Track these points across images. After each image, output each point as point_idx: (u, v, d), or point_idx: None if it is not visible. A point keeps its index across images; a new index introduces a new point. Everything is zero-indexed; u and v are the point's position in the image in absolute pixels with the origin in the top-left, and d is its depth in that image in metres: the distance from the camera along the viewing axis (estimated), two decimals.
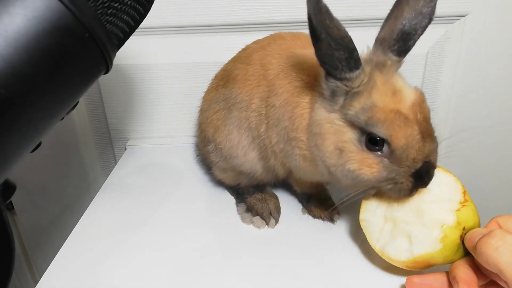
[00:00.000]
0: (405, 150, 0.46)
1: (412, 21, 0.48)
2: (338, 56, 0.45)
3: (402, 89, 0.48)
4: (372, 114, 0.46)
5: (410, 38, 0.49)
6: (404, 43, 0.49)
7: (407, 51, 0.50)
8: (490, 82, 0.90)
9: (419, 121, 0.46)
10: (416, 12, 0.48)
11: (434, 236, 0.47)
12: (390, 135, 0.46)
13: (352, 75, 0.47)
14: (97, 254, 0.60)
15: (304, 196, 0.68)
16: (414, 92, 0.48)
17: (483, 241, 0.42)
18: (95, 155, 1.02)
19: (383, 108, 0.46)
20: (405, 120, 0.46)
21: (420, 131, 0.46)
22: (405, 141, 0.46)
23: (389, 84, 0.48)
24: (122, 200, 0.73)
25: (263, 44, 0.64)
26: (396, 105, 0.46)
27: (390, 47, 0.49)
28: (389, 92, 0.47)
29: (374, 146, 0.48)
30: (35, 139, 0.37)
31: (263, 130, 0.60)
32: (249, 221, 0.66)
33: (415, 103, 0.47)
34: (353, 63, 0.46)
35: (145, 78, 0.90)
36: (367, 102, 0.47)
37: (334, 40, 0.44)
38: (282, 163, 0.60)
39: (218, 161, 0.69)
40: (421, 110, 0.47)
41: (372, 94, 0.47)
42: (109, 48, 0.37)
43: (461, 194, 0.49)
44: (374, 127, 0.46)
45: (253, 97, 0.61)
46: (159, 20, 0.83)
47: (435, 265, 0.50)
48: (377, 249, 0.52)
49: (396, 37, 0.49)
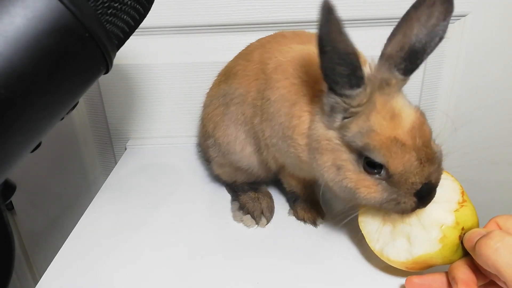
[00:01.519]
0: (403, 175, 0.45)
1: (423, 39, 0.45)
2: (340, 72, 0.43)
3: (402, 111, 0.46)
4: (369, 140, 0.45)
5: (419, 57, 0.46)
6: (411, 62, 0.46)
7: (414, 69, 0.47)
8: (490, 82, 0.90)
9: (418, 146, 0.45)
10: (428, 30, 0.45)
11: (433, 236, 0.47)
12: (387, 162, 0.45)
13: (353, 92, 0.45)
14: (97, 254, 0.60)
15: (292, 195, 0.68)
16: (413, 114, 0.46)
17: (482, 242, 0.42)
18: (95, 155, 1.02)
19: (380, 134, 0.45)
20: (403, 146, 0.45)
21: (418, 156, 0.45)
22: (403, 168, 0.45)
23: (388, 106, 0.46)
24: (122, 200, 0.73)
25: (264, 42, 0.64)
26: (393, 131, 0.45)
27: (396, 66, 0.46)
28: (388, 116, 0.45)
29: (372, 169, 0.47)
30: (35, 139, 0.37)
31: (257, 121, 0.60)
32: (240, 219, 0.66)
33: (414, 127, 0.45)
34: (355, 81, 0.44)
35: (145, 78, 0.90)
36: (364, 126, 0.46)
37: (338, 54, 0.42)
38: (274, 157, 0.60)
39: (216, 156, 0.69)
40: (421, 133, 0.46)
41: (370, 117, 0.46)
42: (109, 48, 0.37)
43: (460, 194, 0.50)
44: (371, 153, 0.46)
45: (250, 90, 0.61)
46: (159, 20, 0.83)
47: (435, 265, 0.50)
48: (377, 250, 0.52)
49: (404, 56, 0.46)
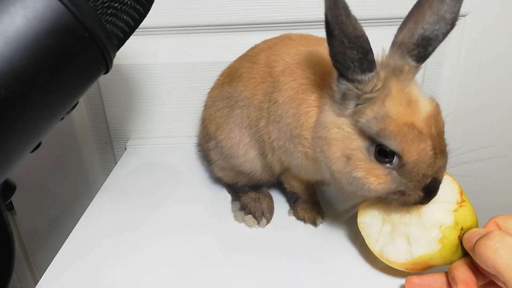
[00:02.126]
0: (416, 165, 0.45)
1: (434, 26, 0.45)
2: (351, 56, 0.43)
3: (418, 99, 0.46)
4: (385, 126, 0.44)
5: (431, 44, 0.46)
6: (424, 49, 0.46)
7: (426, 57, 0.47)
8: (490, 82, 0.90)
9: (433, 136, 0.45)
10: (439, 17, 0.45)
11: (433, 236, 0.47)
12: (402, 149, 0.44)
13: (365, 77, 0.44)
14: (97, 254, 0.60)
15: (293, 195, 0.68)
16: (430, 104, 0.46)
17: (481, 243, 0.42)
18: (95, 155, 1.02)
19: (396, 119, 0.44)
20: (419, 134, 0.44)
21: (433, 146, 0.44)
22: (417, 156, 0.44)
23: (405, 93, 0.45)
24: (122, 200, 0.73)
25: (270, 44, 0.64)
26: (410, 118, 0.44)
27: (409, 52, 0.47)
28: (404, 102, 0.45)
29: (384, 158, 0.46)
30: (35, 139, 0.37)
31: (263, 124, 0.59)
32: (241, 220, 0.66)
33: (430, 116, 0.45)
34: (367, 64, 0.44)
35: (145, 78, 0.90)
36: (380, 111, 0.45)
37: (348, 37, 0.42)
38: (279, 160, 0.60)
39: (217, 159, 0.69)
40: (436, 123, 0.45)
41: (386, 103, 0.45)
42: (109, 48, 0.37)
43: (458, 194, 0.50)
44: (386, 139, 0.45)
45: (256, 93, 0.60)
46: (159, 20, 0.83)
47: (434, 266, 0.50)
48: (376, 251, 0.52)
49: (416, 42, 0.46)
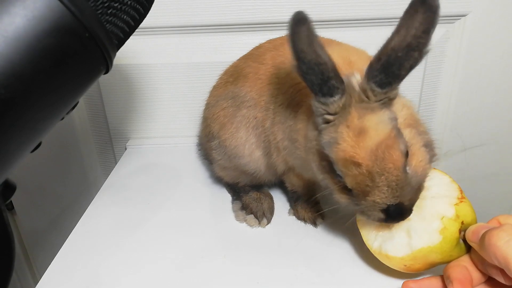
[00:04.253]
0: (359, 192, 0.45)
1: (398, 52, 0.41)
2: (310, 80, 0.44)
3: (372, 129, 0.43)
4: (331, 152, 0.45)
5: (394, 71, 0.42)
6: (386, 76, 0.43)
7: (392, 84, 0.43)
8: (490, 82, 0.90)
9: (376, 170, 0.43)
10: (405, 43, 0.41)
11: (434, 228, 0.47)
12: (344, 176, 0.46)
13: (327, 101, 0.45)
14: (97, 254, 0.60)
15: (293, 195, 0.68)
16: (385, 134, 0.43)
17: (494, 233, 0.41)
18: (95, 155, 1.02)
19: (340, 149, 0.45)
20: (357, 166, 0.44)
21: (373, 179, 0.43)
22: (356, 186, 0.45)
23: (360, 121, 0.44)
24: (122, 200, 0.73)
25: (277, 44, 0.64)
26: (352, 149, 0.44)
27: (373, 78, 0.44)
28: (354, 131, 0.44)
29: (341, 178, 0.47)
30: (35, 139, 0.37)
31: (268, 125, 0.60)
32: (243, 219, 0.66)
33: (377, 149, 0.43)
34: (327, 90, 0.44)
35: (145, 78, 0.90)
36: (332, 137, 0.46)
37: (306, 64, 0.43)
38: (284, 160, 0.60)
39: (220, 159, 0.68)
40: (384, 157, 0.43)
41: (339, 129, 0.45)
42: (109, 48, 0.37)
43: (458, 191, 0.50)
44: (333, 164, 0.46)
45: (263, 94, 0.61)
46: (159, 20, 0.83)
47: (433, 263, 0.49)
48: (374, 249, 0.52)
49: (379, 68, 0.43)
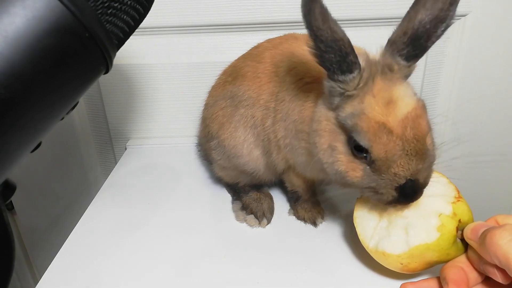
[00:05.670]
0: (384, 162, 0.45)
1: (426, 25, 0.44)
2: (329, 59, 0.44)
3: (399, 99, 0.45)
4: (357, 122, 0.45)
5: (421, 43, 0.45)
6: (414, 48, 0.45)
7: (418, 56, 0.46)
8: (490, 82, 0.90)
9: (407, 137, 0.45)
10: (432, 16, 0.44)
11: (431, 225, 0.47)
12: (371, 146, 0.45)
13: (346, 78, 0.45)
14: (97, 254, 0.60)
15: (293, 194, 0.67)
16: (412, 105, 0.45)
17: (496, 232, 0.41)
18: (95, 155, 1.02)
19: (369, 117, 0.45)
20: (389, 133, 0.44)
21: (404, 147, 0.45)
22: (384, 154, 0.45)
23: (387, 92, 0.46)
24: (122, 200, 0.73)
25: (275, 43, 0.64)
26: (383, 117, 0.44)
27: (399, 51, 0.46)
28: (383, 101, 0.45)
29: (360, 152, 0.47)
30: (35, 139, 0.37)
31: (269, 124, 0.60)
32: (243, 219, 0.66)
33: (407, 117, 0.45)
34: (346, 66, 0.44)
35: (145, 78, 0.90)
36: (357, 108, 0.46)
37: (324, 42, 0.43)
38: (284, 158, 0.60)
39: (219, 159, 0.68)
40: (414, 125, 0.45)
41: (364, 100, 0.46)
42: (109, 48, 0.37)
43: (455, 191, 0.50)
44: (358, 135, 0.46)
45: (262, 93, 0.61)
46: (159, 20, 0.83)
47: (430, 262, 0.49)
48: (370, 248, 0.52)
49: (407, 41, 0.45)
